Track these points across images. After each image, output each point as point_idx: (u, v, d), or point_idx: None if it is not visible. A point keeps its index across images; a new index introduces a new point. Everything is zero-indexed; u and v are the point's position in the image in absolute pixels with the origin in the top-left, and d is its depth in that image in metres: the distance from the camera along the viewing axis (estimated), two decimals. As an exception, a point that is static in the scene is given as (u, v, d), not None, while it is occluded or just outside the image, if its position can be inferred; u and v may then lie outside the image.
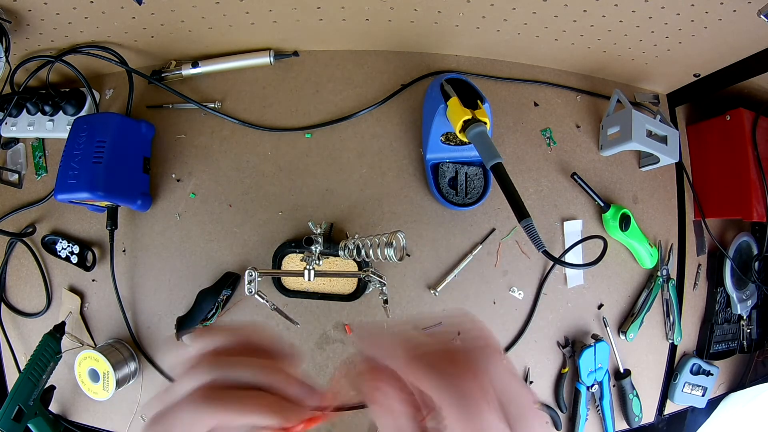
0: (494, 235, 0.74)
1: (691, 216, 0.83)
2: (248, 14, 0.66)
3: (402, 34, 0.73)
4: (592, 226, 0.78)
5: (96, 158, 0.63)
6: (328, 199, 0.73)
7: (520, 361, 0.74)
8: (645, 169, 0.80)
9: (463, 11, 0.66)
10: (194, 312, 0.67)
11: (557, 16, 0.65)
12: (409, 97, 0.76)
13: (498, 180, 0.53)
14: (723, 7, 0.59)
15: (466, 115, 0.56)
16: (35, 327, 0.74)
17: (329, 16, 0.68)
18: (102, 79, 0.77)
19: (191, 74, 0.74)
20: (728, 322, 0.83)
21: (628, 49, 0.72)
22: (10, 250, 0.75)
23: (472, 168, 0.72)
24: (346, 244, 0.64)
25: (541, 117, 0.79)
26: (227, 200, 0.73)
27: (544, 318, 0.75)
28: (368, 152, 0.74)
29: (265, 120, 0.74)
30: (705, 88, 0.79)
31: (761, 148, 0.75)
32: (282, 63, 0.75)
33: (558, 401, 0.74)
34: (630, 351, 0.77)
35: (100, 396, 0.67)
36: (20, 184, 0.77)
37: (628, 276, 0.79)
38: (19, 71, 0.70)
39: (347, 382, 0.27)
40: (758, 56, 0.67)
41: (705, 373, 0.79)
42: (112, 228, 0.69)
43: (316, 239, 0.63)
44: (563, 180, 0.77)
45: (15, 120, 0.74)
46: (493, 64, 0.79)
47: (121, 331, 0.72)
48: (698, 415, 0.83)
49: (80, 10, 0.61)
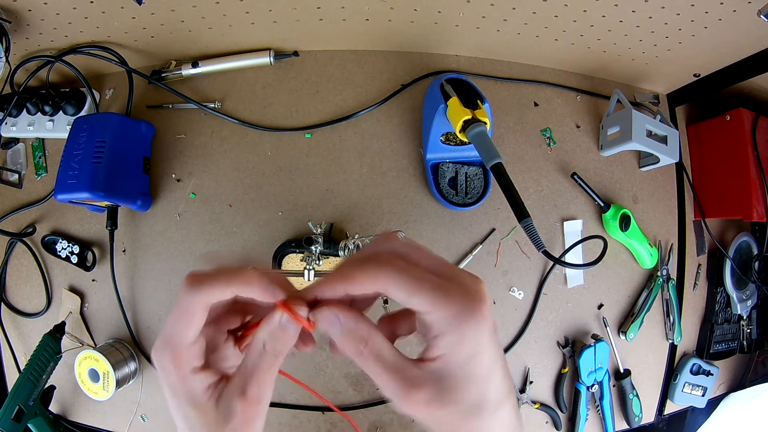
0: (494, 235, 0.74)
1: (691, 216, 0.83)
2: (248, 14, 0.66)
3: (402, 34, 0.73)
4: (592, 226, 0.78)
5: (96, 158, 0.63)
6: (328, 199, 0.73)
7: (520, 361, 0.74)
8: (645, 169, 0.80)
9: (463, 11, 0.66)
10: (194, 312, 0.67)
11: (557, 16, 0.65)
12: (409, 97, 0.76)
13: (498, 180, 0.53)
14: (723, 7, 0.59)
15: (466, 115, 0.56)
16: (35, 327, 0.74)
17: (329, 16, 0.68)
18: (102, 79, 0.77)
19: (191, 74, 0.74)
20: (728, 322, 0.83)
21: (628, 49, 0.72)
22: (10, 250, 0.75)
23: (472, 168, 0.72)
24: (346, 244, 0.64)
25: (541, 117, 0.79)
26: (227, 200, 0.73)
27: (544, 318, 0.75)
28: (368, 152, 0.74)
29: (265, 120, 0.74)
30: (705, 88, 0.79)
31: (761, 148, 0.75)
32: (282, 63, 0.75)
33: (558, 401, 0.74)
34: (630, 351, 0.77)
35: (100, 396, 0.67)
36: (20, 184, 0.77)
37: (628, 276, 0.79)
38: (19, 71, 0.70)
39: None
40: (758, 56, 0.67)
41: (705, 373, 0.79)
42: (112, 228, 0.69)
43: (316, 239, 0.63)
44: (563, 180, 0.77)
45: (15, 120, 0.74)
46: (493, 64, 0.79)
47: (121, 331, 0.72)
48: (698, 415, 0.83)
49: (80, 10, 0.61)
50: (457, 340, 0.25)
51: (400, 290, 0.26)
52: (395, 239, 0.28)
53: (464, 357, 0.25)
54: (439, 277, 0.26)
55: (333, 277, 0.27)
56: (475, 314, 0.25)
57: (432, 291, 0.25)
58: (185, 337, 0.27)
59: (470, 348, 0.25)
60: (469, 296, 0.25)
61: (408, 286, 0.25)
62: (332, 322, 0.27)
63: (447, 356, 0.25)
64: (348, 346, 0.27)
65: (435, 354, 0.26)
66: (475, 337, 0.25)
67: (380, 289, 0.26)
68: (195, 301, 0.27)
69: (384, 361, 0.26)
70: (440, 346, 0.25)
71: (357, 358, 0.27)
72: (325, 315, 0.27)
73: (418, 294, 0.25)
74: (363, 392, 0.71)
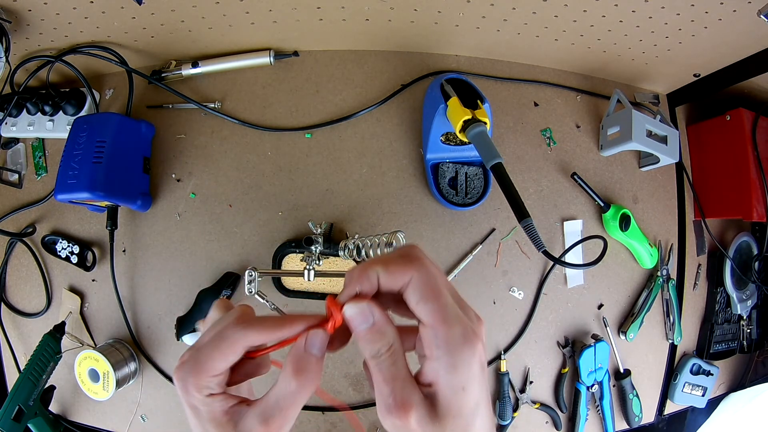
0: (494, 235, 0.74)
1: (691, 216, 0.83)
2: (248, 14, 0.66)
3: (402, 34, 0.73)
4: (592, 226, 0.78)
5: (96, 158, 0.63)
6: (328, 199, 0.73)
7: (520, 361, 0.74)
8: (645, 169, 0.80)
9: (463, 11, 0.66)
10: (194, 312, 0.67)
11: (557, 16, 0.65)
12: (409, 97, 0.76)
13: (498, 180, 0.53)
14: (723, 7, 0.59)
15: (466, 115, 0.56)
16: (35, 327, 0.74)
17: (329, 16, 0.68)
18: (102, 79, 0.77)
19: (191, 74, 0.74)
20: (728, 322, 0.83)
21: (628, 49, 0.72)
22: (10, 250, 0.75)
23: (472, 168, 0.72)
24: (346, 244, 0.64)
25: (541, 117, 0.79)
26: (227, 200, 0.73)
27: (544, 318, 0.75)
28: (368, 152, 0.74)
29: (265, 120, 0.74)
30: (705, 88, 0.79)
31: (761, 148, 0.75)
32: (282, 63, 0.75)
33: (558, 401, 0.74)
34: (630, 351, 0.77)
35: (100, 396, 0.67)
36: (20, 184, 0.77)
37: (628, 276, 0.79)
38: (19, 71, 0.70)
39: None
40: (758, 56, 0.67)
41: (705, 373, 0.79)
42: (112, 228, 0.69)
43: (316, 239, 0.63)
44: (563, 180, 0.77)
45: (15, 120, 0.74)
46: (493, 64, 0.79)
47: (121, 331, 0.72)
48: (698, 415, 0.83)
49: (80, 10, 0.61)
50: (450, 367, 0.25)
51: (419, 290, 0.26)
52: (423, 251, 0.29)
53: (455, 387, 0.26)
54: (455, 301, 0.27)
55: (371, 262, 0.27)
56: (471, 344, 0.26)
57: (444, 308, 0.26)
58: (217, 368, 0.27)
59: (462, 378, 0.26)
60: (469, 329, 0.26)
61: (428, 289, 0.26)
62: (366, 317, 0.27)
63: (439, 385, 0.26)
64: (370, 344, 0.27)
65: (428, 380, 0.26)
66: (468, 367, 0.26)
67: (405, 282, 0.27)
68: (240, 339, 0.27)
69: (393, 370, 0.27)
70: (433, 371, 0.26)
71: (371, 359, 0.27)
72: (362, 308, 0.27)
73: (432, 302, 0.26)
74: (363, 392, 0.71)
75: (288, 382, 0.27)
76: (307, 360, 0.27)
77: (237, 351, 0.27)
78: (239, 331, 0.27)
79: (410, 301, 0.27)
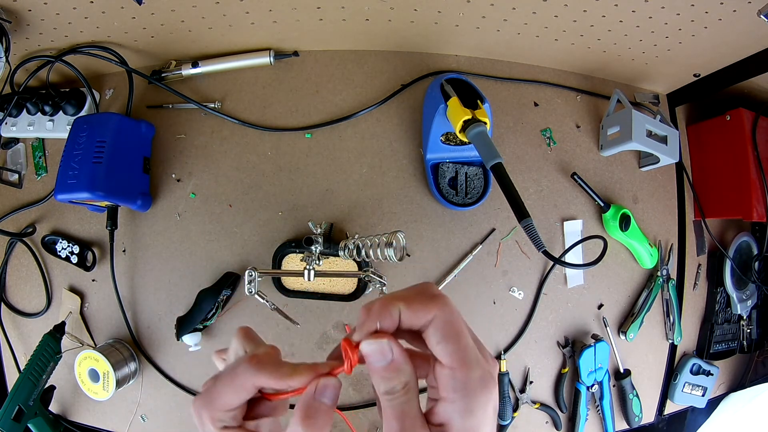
0: (494, 235, 0.74)
1: (691, 216, 0.83)
2: (248, 14, 0.66)
3: (402, 34, 0.73)
4: (592, 226, 0.78)
5: (96, 158, 0.63)
6: (328, 199, 0.73)
7: (520, 361, 0.74)
8: (645, 169, 0.80)
9: (463, 11, 0.66)
10: (194, 312, 0.67)
11: (557, 16, 0.65)
12: (409, 97, 0.76)
13: (498, 180, 0.53)
14: (723, 7, 0.59)
15: (466, 115, 0.56)
16: (35, 327, 0.74)
17: (329, 16, 0.68)
18: (102, 79, 0.77)
19: (191, 74, 0.74)
20: (728, 322, 0.83)
21: (628, 49, 0.72)
22: (10, 250, 0.75)
23: (472, 168, 0.72)
24: (346, 244, 0.64)
25: (541, 117, 0.79)
26: (227, 200, 0.73)
27: (544, 318, 0.75)
28: (368, 152, 0.74)
29: (265, 120, 0.74)
30: (705, 88, 0.79)
31: (761, 148, 0.75)
32: (282, 63, 0.75)
33: (558, 401, 0.74)
34: (630, 351, 0.77)
35: (100, 396, 0.67)
36: (20, 184, 0.77)
37: (628, 276, 0.79)
38: (19, 71, 0.70)
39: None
40: (758, 56, 0.67)
41: (705, 373, 0.79)
42: (112, 228, 0.69)
43: (316, 239, 0.63)
44: (563, 180, 0.77)
45: (15, 120, 0.74)
46: (493, 64, 0.79)
47: (121, 331, 0.72)
48: (698, 415, 0.83)
49: (80, 10, 0.61)
50: (466, 411, 0.25)
51: (440, 330, 0.26)
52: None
53: (467, 431, 0.25)
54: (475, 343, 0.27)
55: (391, 298, 0.27)
56: (489, 389, 0.26)
57: (465, 350, 0.26)
58: (229, 404, 0.27)
59: (476, 421, 0.25)
60: (488, 373, 0.26)
61: (449, 330, 0.26)
62: (385, 354, 0.26)
63: (452, 427, 0.25)
64: (385, 382, 0.26)
65: (439, 420, 0.26)
66: (483, 411, 0.25)
67: (427, 320, 0.26)
68: (251, 379, 0.27)
69: (406, 408, 0.26)
70: (447, 413, 0.26)
71: (385, 395, 0.27)
72: (382, 345, 0.26)
73: (453, 344, 0.26)
74: (363, 392, 0.71)
75: (296, 428, 0.26)
76: (316, 408, 0.26)
77: (248, 389, 0.27)
78: (251, 370, 0.27)
79: (430, 341, 0.26)
